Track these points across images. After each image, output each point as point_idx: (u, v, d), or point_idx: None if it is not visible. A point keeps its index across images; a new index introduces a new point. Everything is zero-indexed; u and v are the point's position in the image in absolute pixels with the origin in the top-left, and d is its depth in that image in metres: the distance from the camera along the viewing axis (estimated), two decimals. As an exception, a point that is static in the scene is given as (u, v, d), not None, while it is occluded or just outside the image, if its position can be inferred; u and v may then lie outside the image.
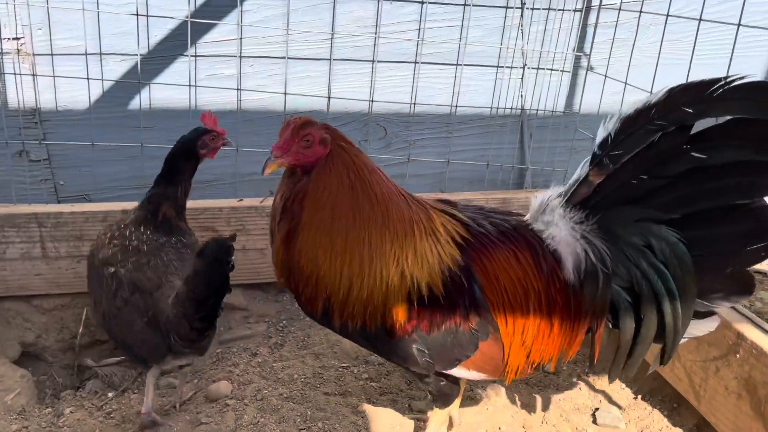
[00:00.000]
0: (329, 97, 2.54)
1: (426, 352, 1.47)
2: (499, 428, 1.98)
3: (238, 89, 2.48)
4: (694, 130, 1.34)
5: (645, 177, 1.40)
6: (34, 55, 2.31)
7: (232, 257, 1.69)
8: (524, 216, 1.60)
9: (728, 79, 1.26)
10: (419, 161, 2.75)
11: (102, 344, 2.45)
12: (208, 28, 2.41)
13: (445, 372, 1.55)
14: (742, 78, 1.25)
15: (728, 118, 1.30)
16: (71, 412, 2.05)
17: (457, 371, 1.53)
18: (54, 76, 2.32)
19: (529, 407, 2.08)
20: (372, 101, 2.60)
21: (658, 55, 2.26)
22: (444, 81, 2.68)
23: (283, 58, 2.47)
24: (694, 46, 2.10)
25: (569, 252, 1.50)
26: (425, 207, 1.51)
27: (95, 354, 2.44)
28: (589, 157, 1.45)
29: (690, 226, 1.42)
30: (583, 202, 1.49)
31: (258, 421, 1.92)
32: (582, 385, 2.20)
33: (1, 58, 2.29)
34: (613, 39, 2.56)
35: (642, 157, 1.39)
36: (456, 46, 2.64)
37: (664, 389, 2.11)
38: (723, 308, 1.50)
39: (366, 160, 1.46)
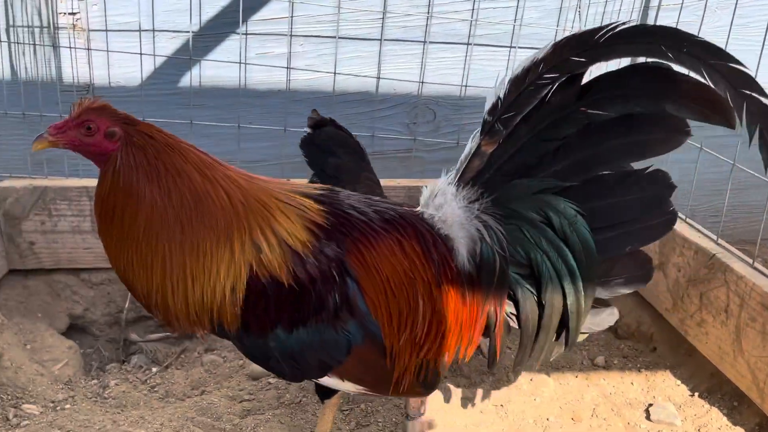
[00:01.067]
0: (378, 78, 2.50)
1: (288, 354, 1.30)
2: (548, 419, 1.92)
3: (287, 68, 2.46)
4: (583, 86, 1.25)
5: (539, 140, 1.28)
6: (89, 30, 2.33)
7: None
8: (416, 208, 1.44)
9: (611, 26, 1.18)
10: (468, 146, 2.68)
11: (147, 320, 2.47)
12: (260, 5, 2.39)
13: (316, 382, 1.40)
14: (624, 24, 1.18)
15: (611, 71, 1.23)
16: (116, 384, 2.06)
17: (329, 380, 1.36)
18: (108, 51, 2.34)
19: (577, 400, 2.01)
20: (422, 83, 2.55)
21: (726, 42, 2.14)
22: (497, 64, 2.60)
23: (334, 37, 2.44)
24: (766, 31, 1.99)
25: (463, 235, 1.35)
26: (269, 198, 1.30)
27: (141, 329, 2.46)
28: (480, 127, 1.32)
29: (588, 196, 1.30)
30: (476, 176, 1.33)
31: (300, 400, 1.90)
32: (634, 379, 2.12)
33: (57, 33, 2.31)
34: (677, 23, 2.43)
35: (534, 117, 1.26)
36: (510, 28, 2.56)
37: (723, 386, 2.00)
38: (623, 294, 1.39)
39: (170, 159, 1.23)
